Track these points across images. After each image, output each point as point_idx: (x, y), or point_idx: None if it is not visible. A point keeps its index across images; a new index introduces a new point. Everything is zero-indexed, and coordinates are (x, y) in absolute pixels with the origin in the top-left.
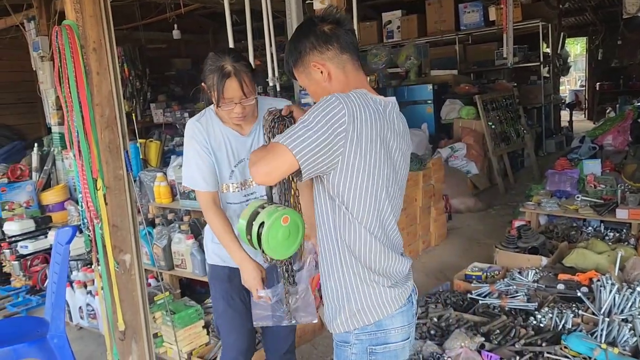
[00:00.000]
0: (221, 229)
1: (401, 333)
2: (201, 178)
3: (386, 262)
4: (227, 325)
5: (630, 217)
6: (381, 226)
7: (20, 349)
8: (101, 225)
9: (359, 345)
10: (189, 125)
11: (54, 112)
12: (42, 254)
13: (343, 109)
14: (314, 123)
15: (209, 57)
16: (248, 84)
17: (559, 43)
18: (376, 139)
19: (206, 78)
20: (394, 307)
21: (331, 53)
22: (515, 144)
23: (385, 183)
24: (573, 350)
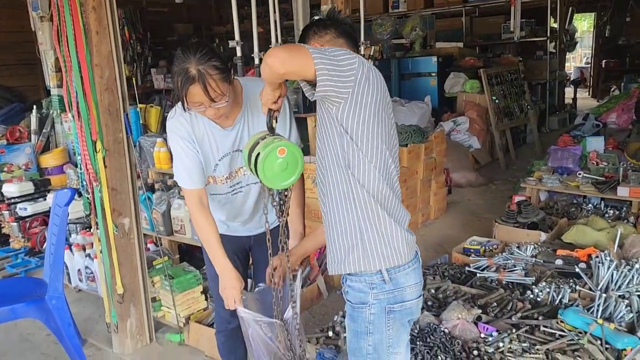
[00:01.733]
0: (206, 233)
1: (415, 291)
2: (187, 175)
3: (393, 205)
4: (217, 288)
5: (631, 195)
6: (386, 170)
7: (19, 309)
8: (100, 188)
9: (377, 305)
10: (171, 120)
11: (53, 74)
12: (41, 216)
13: (355, 57)
14: (333, 53)
15: (177, 54)
16: (215, 88)
17: (567, 18)
18: (380, 93)
19: (173, 78)
20: (402, 259)
21: (328, 37)
22: (519, 119)
23: (387, 132)
24: (569, 325)
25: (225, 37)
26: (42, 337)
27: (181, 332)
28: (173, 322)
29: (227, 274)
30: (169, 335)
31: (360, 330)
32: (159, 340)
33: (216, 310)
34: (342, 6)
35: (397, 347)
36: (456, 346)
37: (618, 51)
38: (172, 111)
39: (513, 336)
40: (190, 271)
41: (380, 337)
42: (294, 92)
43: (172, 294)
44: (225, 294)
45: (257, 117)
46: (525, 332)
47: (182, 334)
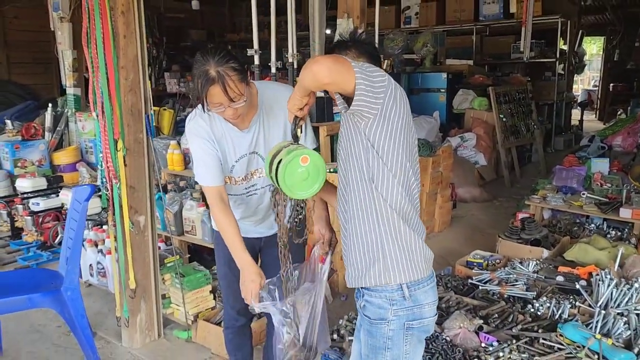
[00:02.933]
0: (227, 227)
1: (432, 308)
2: (207, 173)
3: (413, 219)
4: (226, 288)
5: (634, 216)
6: (408, 185)
7: (36, 298)
8: (119, 185)
9: (396, 321)
10: (191, 122)
11: (70, 73)
12: (54, 212)
13: (385, 75)
14: (366, 68)
15: (196, 58)
16: (234, 88)
17: (577, 41)
18: (404, 109)
19: (193, 81)
20: (421, 273)
21: (349, 57)
22: (525, 138)
23: (410, 149)
24: (568, 339)
25: (238, 44)
26: (52, 329)
27: (189, 330)
28: (181, 319)
29: (247, 268)
30: (176, 332)
31: (379, 346)
32: (167, 337)
33: (225, 308)
34: (358, 20)
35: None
36: (457, 354)
37: (626, 75)
38: (191, 114)
39: (513, 347)
40: (200, 270)
41: (398, 353)
42: None
43: (182, 291)
44: (244, 288)
45: (273, 119)
46: (525, 344)
47: (190, 331)
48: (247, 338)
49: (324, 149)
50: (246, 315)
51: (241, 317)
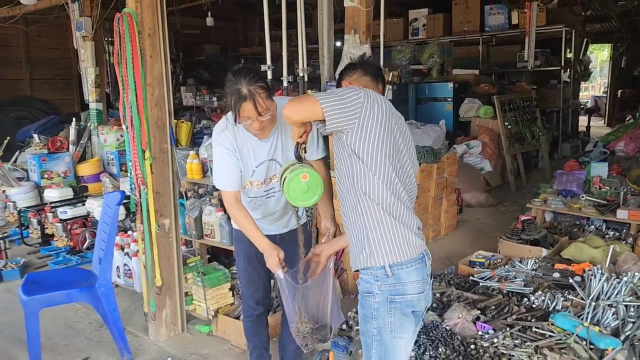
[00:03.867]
0: (244, 222)
1: (416, 286)
2: (226, 179)
3: (399, 210)
4: (246, 280)
5: (630, 217)
6: (390, 181)
7: (73, 294)
8: (147, 191)
9: (380, 295)
10: (218, 130)
11: (92, 89)
12: (81, 219)
13: (361, 91)
14: (341, 93)
15: (228, 77)
16: (262, 104)
17: (582, 49)
18: (385, 117)
19: (226, 98)
20: (404, 256)
21: (355, 75)
22: (530, 145)
23: (392, 150)
24: (559, 327)
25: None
26: (84, 325)
27: (210, 324)
28: (203, 314)
29: (267, 248)
30: (198, 327)
31: (367, 315)
32: (190, 331)
33: (244, 299)
34: (364, 36)
35: (401, 332)
36: (456, 341)
37: (634, 82)
38: (219, 125)
39: (507, 334)
40: (219, 270)
41: (383, 322)
42: None
43: (203, 288)
44: (269, 262)
45: (289, 130)
46: (519, 331)
47: (211, 325)
48: (264, 326)
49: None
50: (264, 304)
51: (259, 307)
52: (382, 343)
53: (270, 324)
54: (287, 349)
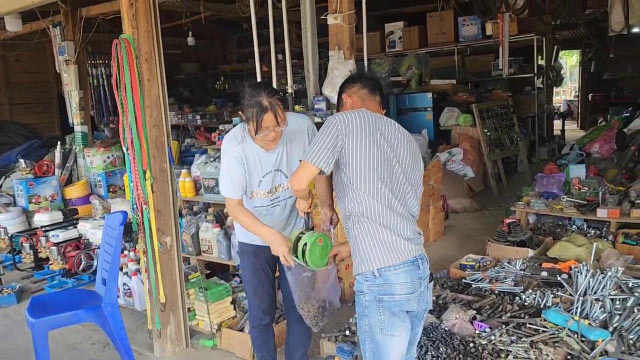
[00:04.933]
0: (247, 219)
1: (405, 288)
2: (231, 187)
3: (390, 219)
4: (251, 291)
5: (610, 216)
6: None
7: (80, 314)
8: (148, 210)
9: (369, 294)
10: (227, 141)
11: (76, 112)
12: (74, 242)
13: (337, 122)
14: (321, 137)
15: (246, 91)
16: (281, 115)
17: (553, 56)
18: (366, 132)
19: (245, 110)
20: (392, 261)
21: (355, 88)
22: (509, 150)
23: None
24: (551, 322)
25: (229, 75)
26: (87, 345)
27: (214, 338)
28: (206, 329)
29: (274, 238)
30: (202, 341)
31: (360, 313)
32: (194, 346)
33: (250, 310)
34: (348, 52)
35: (392, 330)
36: (455, 340)
37: (603, 85)
38: (228, 135)
39: (503, 331)
40: (221, 284)
41: (373, 321)
42: None
43: (206, 303)
44: (277, 252)
45: (294, 142)
46: (514, 328)
47: (215, 339)
48: (271, 335)
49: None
50: (270, 314)
51: (266, 316)
52: (374, 339)
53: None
54: (294, 357)
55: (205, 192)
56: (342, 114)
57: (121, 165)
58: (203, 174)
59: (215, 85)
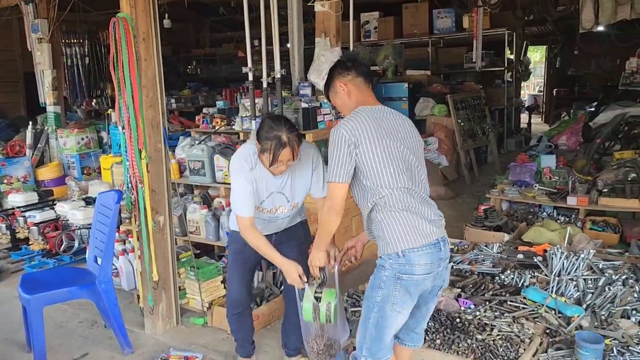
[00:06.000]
0: (261, 244)
1: (424, 268)
2: (245, 206)
3: (412, 204)
4: (230, 275)
5: (579, 203)
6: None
7: (75, 291)
8: (143, 189)
9: (390, 271)
10: (238, 161)
11: (49, 92)
12: (52, 223)
13: (344, 133)
14: (335, 154)
15: (265, 122)
16: (297, 150)
17: (522, 50)
18: (374, 134)
19: (262, 142)
20: (416, 243)
21: (350, 77)
22: (481, 140)
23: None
24: (530, 300)
25: (202, 59)
26: (75, 324)
27: (205, 316)
28: (196, 307)
29: (287, 265)
30: (193, 319)
31: (376, 284)
32: (185, 323)
33: (227, 298)
34: (334, 39)
35: (400, 307)
36: (442, 316)
37: (567, 81)
38: (237, 157)
39: (487, 307)
40: (212, 263)
41: (387, 294)
42: (294, 112)
43: (198, 282)
44: (290, 279)
45: (300, 169)
46: (496, 305)
47: (206, 317)
48: (247, 322)
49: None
50: (244, 304)
51: (240, 306)
52: (382, 311)
53: (263, 313)
54: (290, 339)
55: (190, 174)
56: (345, 123)
57: (96, 147)
58: (189, 157)
59: (187, 69)
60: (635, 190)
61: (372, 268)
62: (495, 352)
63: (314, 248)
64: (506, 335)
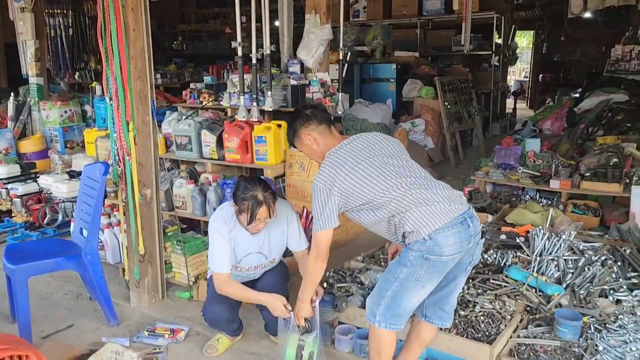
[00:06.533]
0: (239, 292)
1: (453, 248)
2: (222, 264)
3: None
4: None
5: (561, 187)
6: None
7: (60, 262)
8: (131, 162)
9: (417, 252)
10: (217, 221)
11: (32, 63)
12: (35, 196)
13: (320, 185)
14: (318, 206)
15: (241, 184)
16: (272, 207)
17: (510, 35)
18: (347, 167)
19: (239, 203)
20: (439, 223)
21: (313, 125)
22: (467, 123)
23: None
24: (512, 278)
25: (188, 35)
26: (60, 296)
27: (190, 290)
28: (182, 281)
29: (270, 300)
30: (178, 293)
31: (402, 262)
32: (170, 297)
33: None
34: (325, 17)
35: (425, 282)
36: None
37: (553, 67)
38: (217, 216)
39: (470, 285)
40: (198, 238)
41: (412, 272)
42: (283, 89)
43: (184, 256)
44: (277, 312)
45: (275, 227)
46: (479, 283)
47: (191, 291)
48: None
49: None
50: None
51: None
52: (403, 285)
53: None
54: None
55: (177, 149)
56: (318, 176)
57: (79, 120)
58: (176, 132)
59: (173, 44)
60: (617, 175)
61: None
62: (477, 328)
63: (299, 301)
64: (488, 311)
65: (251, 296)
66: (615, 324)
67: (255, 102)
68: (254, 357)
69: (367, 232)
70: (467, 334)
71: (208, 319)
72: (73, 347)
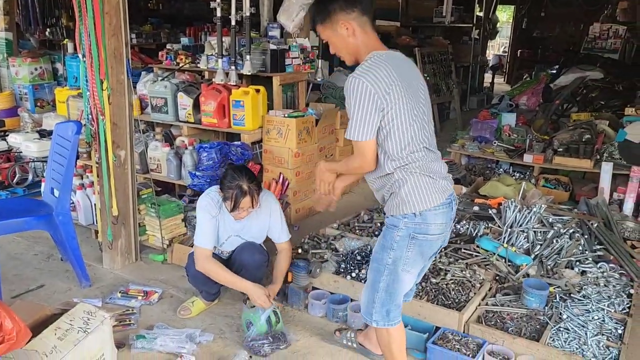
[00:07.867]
0: (221, 272)
1: (439, 228)
2: (205, 239)
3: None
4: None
5: (534, 161)
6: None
7: (31, 222)
8: (105, 122)
9: (404, 230)
10: (206, 199)
11: (0, 17)
12: (4, 154)
13: (369, 86)
14: (358, 108)
15: (228, 172)
16: (256, 198)
17: (491, 8)
18: (401, 92)
19: (225, 190)
20: (434, 202)
21: (355, 14)
22: (445, 96)
23: (413, 113)
24: (483, 248)
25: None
26: (30, 256)
27: (164, 253)
28: (156, 244)
29: (251, 288)
30: (152, 256)
31: (387, 245)
32: (144, 260)
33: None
34: None
35: (411, 267)
36: None
37: (532, 42)
38: (205, 197)
39: (442, 254)
40: (173, 201)
41: (399, 255)
42: (262, 54)
43: (159, 219)
44: (259, 301)
45: (256, 218)
46: (451, 252)
47: (165, 254)
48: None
49: (276, 97)
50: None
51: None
52: (394, 273)
53: None
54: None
55: (152, 111)
56: (366, 74)
57: (50, 79)
58: (151, 93)
59: (149, 4)
60: (588, 151)
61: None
62: (448, 295)
63: (328, 170)
64: (459, 279)
65: (234, 281)
66: (580, 293)
67: (234, 66)
68: (227, 320)
69: (343, 199)
70: (438, 301)
71: (191, 275)
72: (44, 307)
